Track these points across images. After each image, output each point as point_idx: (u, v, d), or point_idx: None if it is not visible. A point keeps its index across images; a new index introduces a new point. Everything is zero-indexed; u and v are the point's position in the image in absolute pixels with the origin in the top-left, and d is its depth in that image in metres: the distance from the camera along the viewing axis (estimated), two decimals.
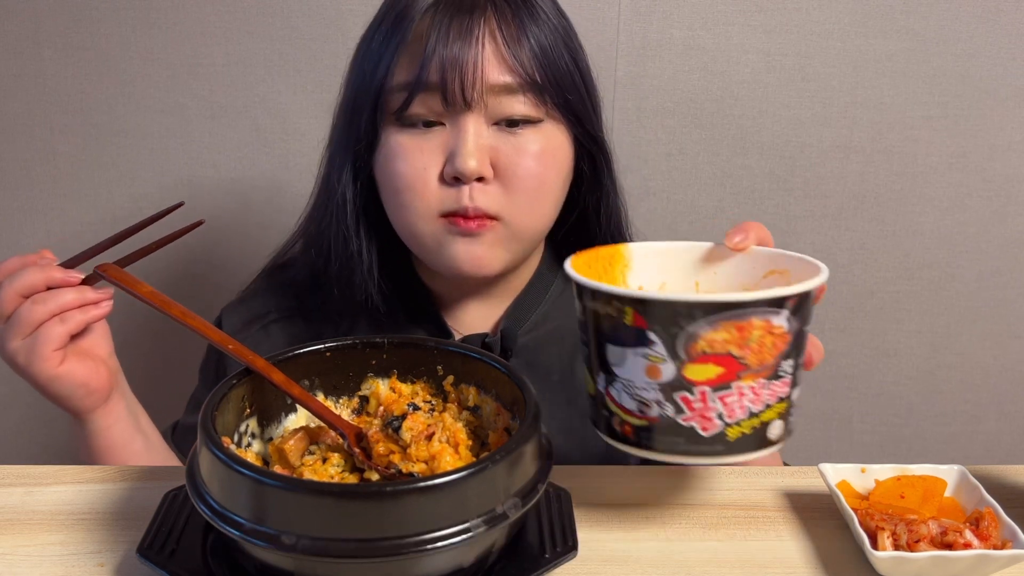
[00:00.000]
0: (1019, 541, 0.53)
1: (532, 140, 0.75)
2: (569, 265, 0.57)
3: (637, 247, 0.63)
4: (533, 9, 0.76)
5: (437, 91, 0.72)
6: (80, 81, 1.17)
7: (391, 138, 0.76)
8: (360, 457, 0.56)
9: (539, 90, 0.75)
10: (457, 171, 0.73)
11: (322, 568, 0.47)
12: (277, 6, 1.14)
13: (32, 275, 0.68)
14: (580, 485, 0.62)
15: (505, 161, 0.74)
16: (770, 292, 0.49)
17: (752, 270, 0.62)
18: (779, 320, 0.50)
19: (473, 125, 0.73)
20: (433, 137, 0.75)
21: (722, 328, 0.48)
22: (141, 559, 0.51)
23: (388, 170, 0.76)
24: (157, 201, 1.21)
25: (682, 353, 0.49)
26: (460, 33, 0.72)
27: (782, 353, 0.51)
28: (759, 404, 0.51)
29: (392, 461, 0.55)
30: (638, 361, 0.51)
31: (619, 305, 0.50)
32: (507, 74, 0.73)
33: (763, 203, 1.24)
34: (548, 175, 0.77)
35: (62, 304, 0.68)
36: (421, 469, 0.54)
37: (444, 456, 0.54)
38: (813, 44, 1.17)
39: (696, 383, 0.50)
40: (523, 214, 0.76)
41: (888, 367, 1.32)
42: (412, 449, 0.54)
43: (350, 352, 0.62)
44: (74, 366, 0.70)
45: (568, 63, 0.77)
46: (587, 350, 0.55)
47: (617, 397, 0.53)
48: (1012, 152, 1.22)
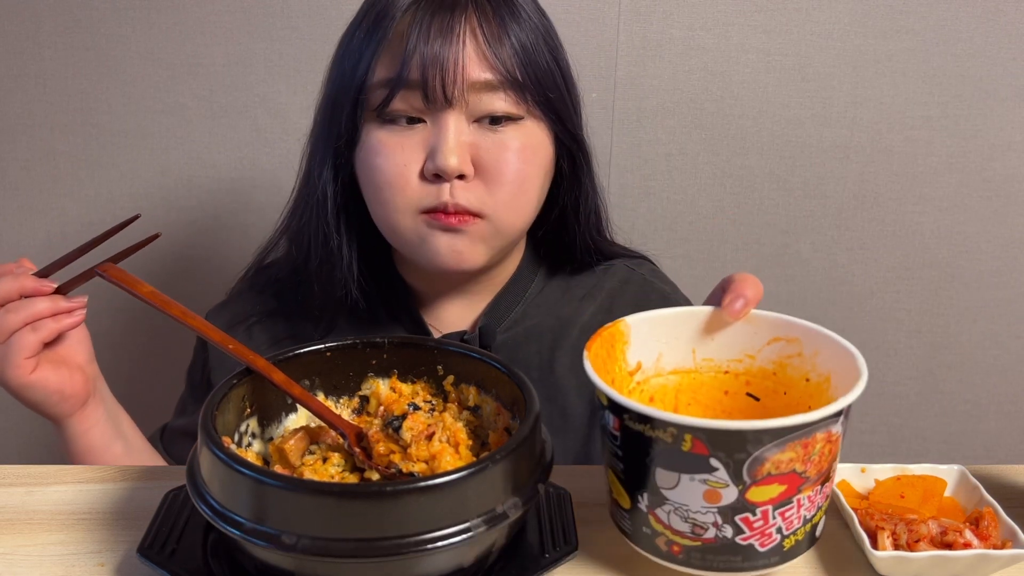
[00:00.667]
0: (1019, 541, 0.53)
1: (513, 137, 0.76)
2: (593, 373, 0.52)
3: (634, 320, 0.60)
4: (514, 7, 0.76)
5: (418, 88, 0.73)
6: (80, 81, 1.17)
7: (372, 135, 0.76)
8: (360, 457, 0.56)
9: (520, 88, 0.75)
10: (438, 168, 0.73)
11: (322, 568, 0.47)
12: (277, 6, 1.14)
13: (5, 284, 0.69)
14: (580, 485, 0.62)
15: (486, 158, 0.75)
16: (836, 406, 0.47)
17: (754, 337, 0.60)
18: (837, 427, 0.49)
19: (454, 122, 0.74)
20: (414, 134, 0.75)
21: (789, 449, 0.47)
22: (141, 559, 0.51)
23: (369, 166, 0.76)
24: (157, 201, 1.21)
25: (747, 478, 0.47)
26: (441, 31, 0.72)
27: (836, 457, 0.50)
28: (813, 509, 0.50)
29: (392, 461, 0.55)
30: (695, 486, 0.48)
31: (676, 432, 0.47)
32: (488, 71, 0.74)
33: (763, 203, 1.24)
34: (529, 171, 0.77)
35: (34, 313, 0.69)
36: (421, 469, 0.54)
37: (444, 456, 0.54)
38: (813, 44, 1.17)
39: (759, 504, 0.48)
40: (504, 210, 0.76)
41: (888, 367, 1.32)
42: (412, 449, 0.54)
43: (350, 352, 0.62)
44: (47, 374, 0.71)
45: (549, 61, 0.78)
46: (621, 465, 0.52)
47: (665, 519, 0.50)
48: (1012, 152, 1.22)
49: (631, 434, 0.50)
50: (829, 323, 0.58)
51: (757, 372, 0.61)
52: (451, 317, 0.86)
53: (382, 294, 0.85)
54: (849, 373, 0.53)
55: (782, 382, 0.60)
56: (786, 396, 0.59)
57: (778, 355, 0.60)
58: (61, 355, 0.73)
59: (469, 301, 0.86)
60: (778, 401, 0.60)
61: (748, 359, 0.61)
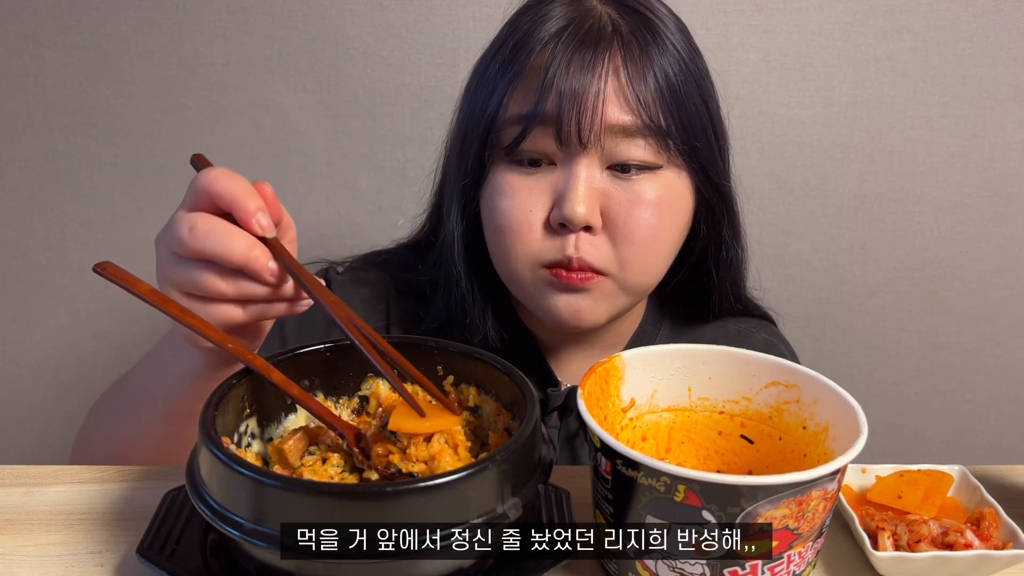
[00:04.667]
0: (1020, 541, 0.53)
1: (649, 188, 0.70)
2: (587, 412, 0.51)
3: (630, 356, 0.59)
4: (664, 46, 0.70)
5: (552, 125, 0.68)
6: (80, 81, 1.17)
7: (499, 175, 0.72)
8: (359, 457, 0.56)
9: (662, 135, 0.69)
10: (564, 217, 0.68)
11: (322, 568, 0.46)
12: (277, 6, 1.14)
13: (238, 245, 0.55)
14: (580, 485, 0.62)
15: (617, 210, 0.70)
16: (833, 465, 0.47)
17: (752, 378, 0.59)
18: (832, 485, 0.48)
19: (586, 168, 0.69)
20: (543, 178, 0.71)
21: (783, 505, 0.46)
22: (141, 559, 0.51)
23: (493, 207, 0.72)
24: (157, 201, 1.21)
25: (738, 532, 0.47)
26: (583, 66, 0.67)
27: (830, 513, 0.50)
28: (803, 565, 0.50)
29: (391, 461, 0.54)
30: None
31: (670, 481, 0.47)
32: (629, 114, 0.68)
33: (763, 203, 1.24)
34: (663, 227, 0.72)
35: (250, 294, 0.57)
36: (421, 469, 0.54)
37: (444, 456, 0.54)
38: (813, 44, 1.17)
39: (748, 558, 0.48)
40: (632, 270, 0.71)
41: (888, 367, 1.32)
42: (411, 450, 0.54)
43: (350, 352, 0.62)
44: None
45: (698, 105, 0.72)
46: (610, 508, 0.51)
47: (653, 567, 0.50)
48: (1012, 152, 1.22)
49: (623, 479, 0.49)
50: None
51: (753, 415, 0.60)
52: (576, 370, 0.82)
53: (509, 341, 0.80)
54: (849, 428, 0.52)
55: (778, 427, 0.59)
56: (781, 442, 0.58)
57: (775, 399, 0.58)
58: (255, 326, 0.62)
59: (593, 354, 0.83)
60: (773, 446, 0.59)
61: (744, 400, 0.60)
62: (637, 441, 0.60)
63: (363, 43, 1.16)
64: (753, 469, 0.59)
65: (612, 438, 0.49)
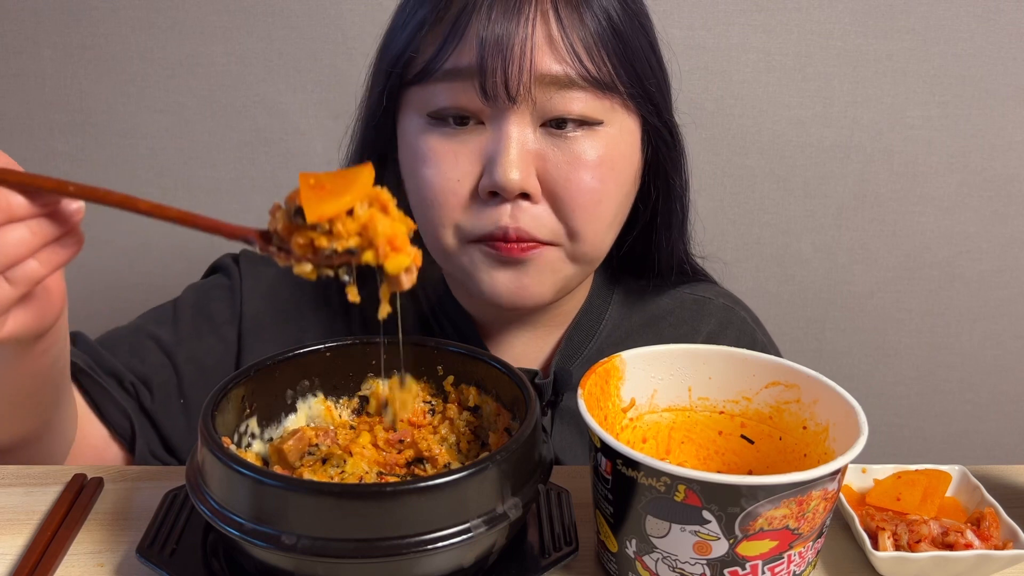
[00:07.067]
0: (1020, 541, 0.53)
1: (589, 147, 0.62)
2: (587, 413, 0.51)
3: (630, 356, 0.58)
4: None
5: (474, 78, 0.60)
6: (80, 81, 1.17)
7: (420, 139, 0.64)
8: (281, 256, 0.48)
9: (603, 85, 0.61)
10: (496, 184, 0.61)
11: (322, 568, 0.46)
12: (277, 6, 1.14)
13: None
14: (580, 485, 0.62)
15: (556, 173, 0.62)
16: (834, 465, 0.47)
17: (752, 379, 0.59)
18: (833, 485, 0.48)
19: (517, 127, 0.61)
20: (469, 139, 0.62)
21: (783, 505, 0.46)
22: (141, 559, 0.51)
23: (415, 176, 0.64)
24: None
25: (739, 532, 0.47)
26: (507, 10, 0.59)
27: (830, 513, 0.50)
28: (803, 565, 0.50)
29: (320, 247, 0.46)
30: (686, 537, 0.48)
31: (670, 482, 0.46)
32: (561, 63, 0.60)
33: (763, 203, 1.24)
34: (607, 191, 0.64)
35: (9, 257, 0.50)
36: (357, 242, 0.46)
37: (377, 218, 0.46)
38: (813, 44, 1.17)
39: (749, 558, 0.48)
40: (580, 239, 0.64)
41: (888, 367, 1.32)
42: (338, 226, 0.46)
43: (350, 352, 0.62)
44: (21, 321, 0.52)
45: (643, 44, 0.64)
46: (610, 508, 0.51)
47: (653, 567, 0.50)
48: (1012, 152, 1.22)
49: (623, 479, 0.49)
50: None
51: (753, 414, 0.60)
52: (519, 353, 0.75)
53: (439, 322, 0.73)
54: (849, 427, 0.52)
55: (778, 427, 0.59)
56: (781, 441, 0.58)
57: (775, 399, 0.59)
58: (37, 289, 0.52)
59: (537, 334, 0.75)
60: (773, 446, 0.59)
61: (744, 400, 0.60)
62: (637, 442, 0.60)
63: (363, 43, 1.16)
64: (753, 469, 0.60)
65: (612, 438, 0.49)
